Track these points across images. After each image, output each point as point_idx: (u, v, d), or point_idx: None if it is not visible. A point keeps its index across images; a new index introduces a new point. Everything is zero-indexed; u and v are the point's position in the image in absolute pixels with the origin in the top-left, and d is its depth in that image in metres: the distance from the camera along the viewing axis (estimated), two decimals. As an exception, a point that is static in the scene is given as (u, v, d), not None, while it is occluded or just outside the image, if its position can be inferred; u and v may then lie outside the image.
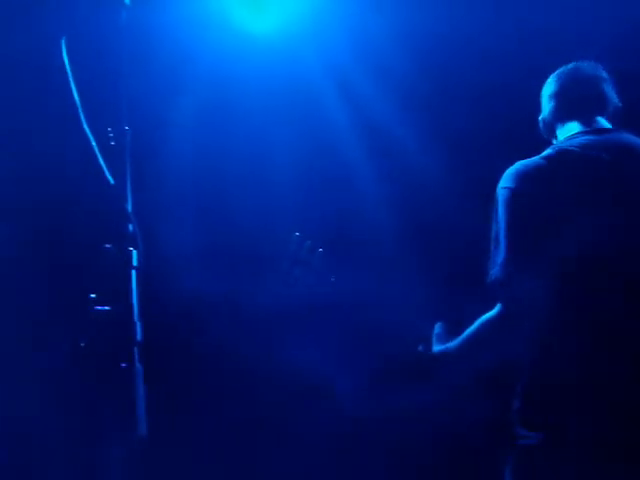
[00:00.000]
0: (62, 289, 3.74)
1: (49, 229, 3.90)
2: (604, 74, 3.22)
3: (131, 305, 2.37)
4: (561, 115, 3.17)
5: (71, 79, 2.65)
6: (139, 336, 2.36)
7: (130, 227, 2.44)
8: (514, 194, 2.86)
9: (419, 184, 4.59)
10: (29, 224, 3.88)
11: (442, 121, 4.52)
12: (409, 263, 4.55)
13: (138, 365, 2.34)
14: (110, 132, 2.55)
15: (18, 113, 3.86)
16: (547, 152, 3.00)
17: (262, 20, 4.42)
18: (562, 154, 2.96)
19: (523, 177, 2.89)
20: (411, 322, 3.20)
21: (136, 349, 2.35)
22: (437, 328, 3.11)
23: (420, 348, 3.10)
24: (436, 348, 3.05)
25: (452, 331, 3.06)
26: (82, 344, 2.81)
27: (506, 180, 2.92)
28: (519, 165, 2.94)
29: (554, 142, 3.17)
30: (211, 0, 4.32)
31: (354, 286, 4.03)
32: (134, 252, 2.42)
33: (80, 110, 2.60)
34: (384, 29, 4.40)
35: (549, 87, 3.24)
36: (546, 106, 3.23)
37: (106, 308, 2.48)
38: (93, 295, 2.45)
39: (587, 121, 3.11)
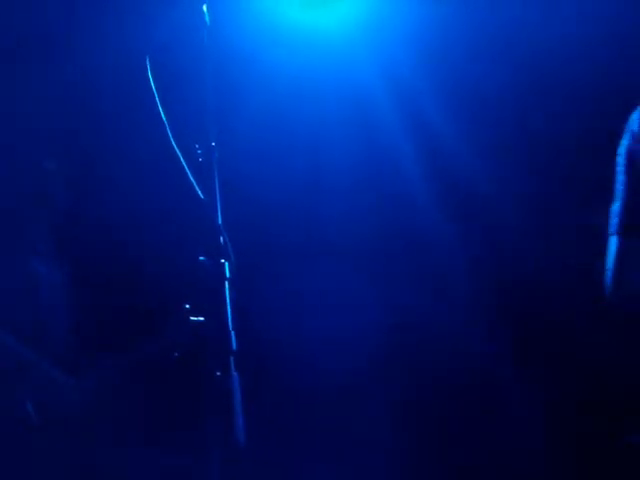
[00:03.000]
0: (157, 301, 3.82)
1: (144, 244, 4.00)
2: None
3: (225, 315, 2.43)
4: None
5: (157, 97, 2.73)
6: (234, 345, 2.42)
7: (221, 239, 2.50)
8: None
9: (471, 187, 4.55)
10: (124, 239, 3.98)
11: (497, 124, 4.47)
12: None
13: (234, 374, 2.40)
14: (198, 149, 2.62)
15: (105, 131, 3.96)
16: None
17: (318, 17, 4.42)
18: None
19: None
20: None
21: (232, 358, 2.41)
22: None
23: None
24: None
25: None
26: (176, 354, 2.89)
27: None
28: None
29: None
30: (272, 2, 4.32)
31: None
32: (226, 264, 2.48)
33: (168, 128, 2.68)
34: (442, 28, 4.37)
35: None
36: None
37: (201, 319, 2.55)
38: (188, 306, 2.52)
39: None
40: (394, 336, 4.41)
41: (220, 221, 2.53)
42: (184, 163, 2.60)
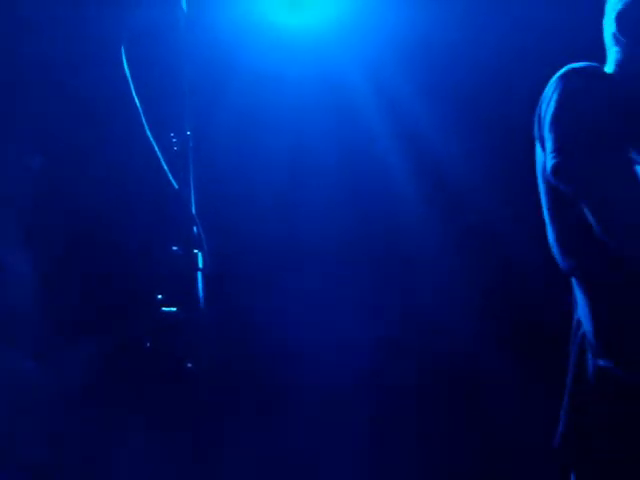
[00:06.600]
0: (129, 291, 3.81)
1: (116, 233, 3.98)
2: None
3: (198, 306, 2.42)
4: None
5: (132, 86, 2.71)
6: (205, 336, 2.42)
7: (195, 230, 2.49)
8: None
9: (455, 185, 4.55)
10: (96, 228, 3.96)
11: (478, 121, 4.46)
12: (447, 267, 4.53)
13: (205, 365, 2.39)
14: (173, 137, 2.60)
15: (81, 120, 3.93)
16: None
17: (298, 16, 4.42)
18: None
19: None
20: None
21: (203, 349, 2.41)
22: None
23: None
24: None
25: None
26: (148, 344, 2.88)
27: None
28: None
29: None
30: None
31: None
32: (199, 254, 2.47)
33: (142, 116, 2.66)
34: (424, 28, 4.37)
35: None
36: None
37: (173, 309, 2.54)
38: (160, 296, 2.51)
39: None
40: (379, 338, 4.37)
41: (194, 211, 2.52)
42: (159, 152, 2.58)
